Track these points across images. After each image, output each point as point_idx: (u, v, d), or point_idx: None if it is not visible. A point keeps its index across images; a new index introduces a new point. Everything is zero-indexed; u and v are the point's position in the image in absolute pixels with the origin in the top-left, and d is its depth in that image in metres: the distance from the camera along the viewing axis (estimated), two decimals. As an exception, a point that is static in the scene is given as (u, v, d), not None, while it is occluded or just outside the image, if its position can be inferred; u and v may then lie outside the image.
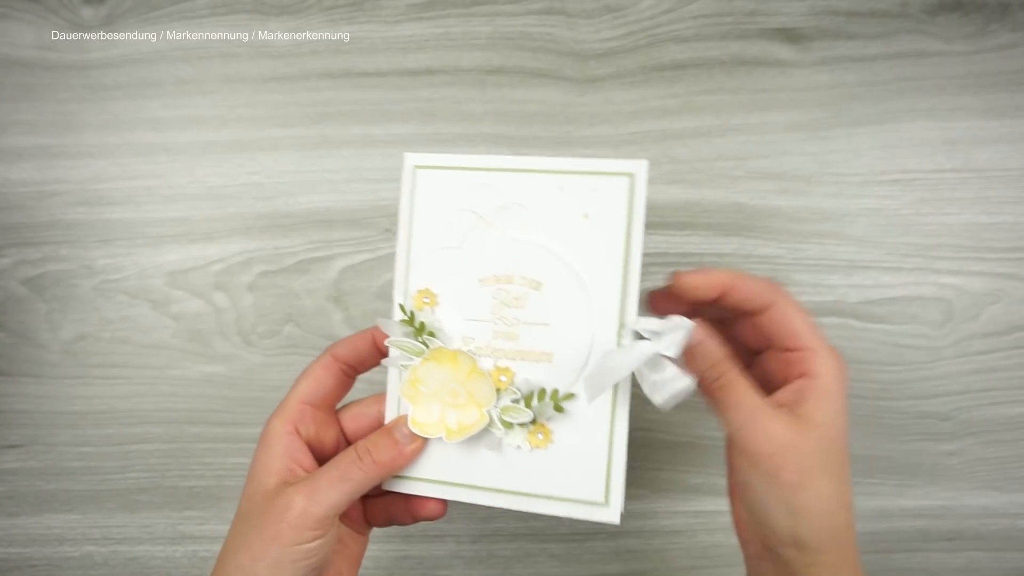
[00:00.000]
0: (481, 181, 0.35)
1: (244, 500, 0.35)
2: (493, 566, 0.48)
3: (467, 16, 0.51)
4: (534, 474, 0.34)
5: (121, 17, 0.50)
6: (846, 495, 0.34)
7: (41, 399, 0.49)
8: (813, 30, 0.51)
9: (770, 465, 0.33)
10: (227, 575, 0.33)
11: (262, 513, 0.33)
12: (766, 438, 0.33)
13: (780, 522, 0.33)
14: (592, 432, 0.33)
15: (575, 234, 0.33)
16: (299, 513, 0.33)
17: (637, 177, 0.33)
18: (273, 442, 0.35)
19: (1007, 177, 0.50)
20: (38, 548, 0.48)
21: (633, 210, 0.33)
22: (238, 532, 0.34)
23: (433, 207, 0.35)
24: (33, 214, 0.50)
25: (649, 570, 0.49)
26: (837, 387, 0.34)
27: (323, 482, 0.34)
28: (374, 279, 0.50)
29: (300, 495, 0.33)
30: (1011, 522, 0.49)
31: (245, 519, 0.34)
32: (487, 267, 0.35)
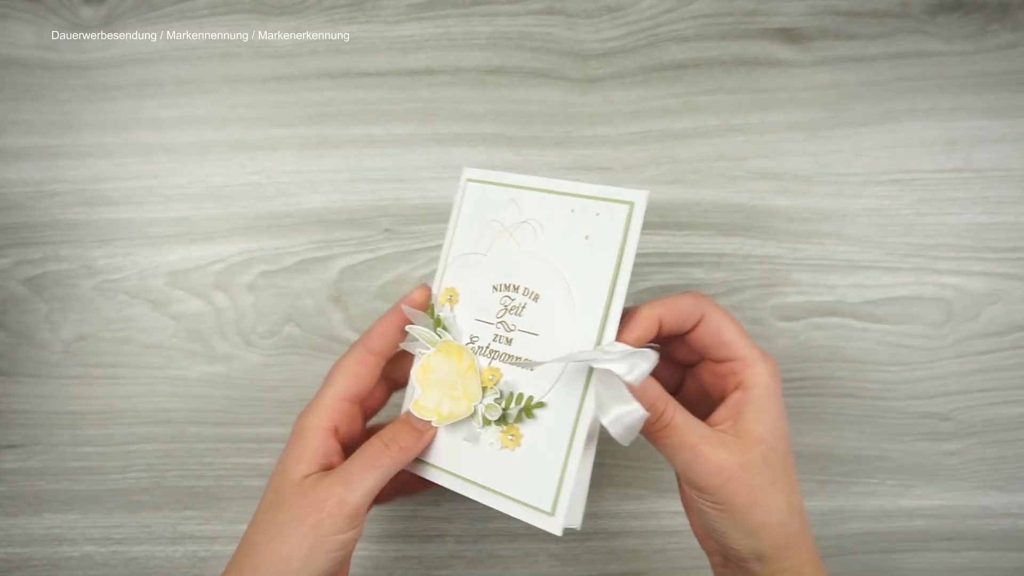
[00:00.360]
0: (510, 197, 0.38)
1: (271, 492, 0.36)
2: (493, 566, 0.48)
3: (467, 16, 0.51)
4: (499, 472, 0.36)
5: (121, 17, 0.50)
6: (796, 500, 0.35)
7: (41, 399, 0.49)
8: (813, 30, 0.51)
9: (722, 495, 0.33)
10: (261, 567, 0.34)
11: (297, 504, 0.34)
12: (714, 471, 0.33)
13: (738, 541, 0.34)
14: (553, 444, 0.34)
15: (576, 253, 0.35)
16: (337, 503, 0.34)
17: (636, 206, 0.34)
18: (308, 436, 0.36)
19: (1008, 177, 0.50)
20: (38, 548, 0.48)
21: (628, 236, 0.34)
22: (269, 523, 0.34)
23: (473, 216, 0.39)
24: (33, 214, 0.50)
25: (649, 570, 0.49)
26: (772, 396, 0.35)
27: (356, 471, 0.35)
28: (374, 279, 0.50)
29: (338, 485, 0.34)
30: (1011, 522, 0.49)
31: (275, 510, 0.35)
32: (501, 275, 0.38)
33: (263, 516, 0.35)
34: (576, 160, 0.51)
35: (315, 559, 0.34)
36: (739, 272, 0.50)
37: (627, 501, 0.49)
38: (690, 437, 0.34)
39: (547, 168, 0.50)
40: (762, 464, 0.34)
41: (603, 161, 0.51)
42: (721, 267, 0.50)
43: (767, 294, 0.50)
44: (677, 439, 0.34)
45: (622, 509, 0.49)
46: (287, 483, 0.35)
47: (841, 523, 0.49)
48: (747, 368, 0.35)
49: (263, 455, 0.49)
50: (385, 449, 0.36)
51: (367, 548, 0.48)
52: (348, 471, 0.35)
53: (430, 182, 0.50)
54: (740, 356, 0.36)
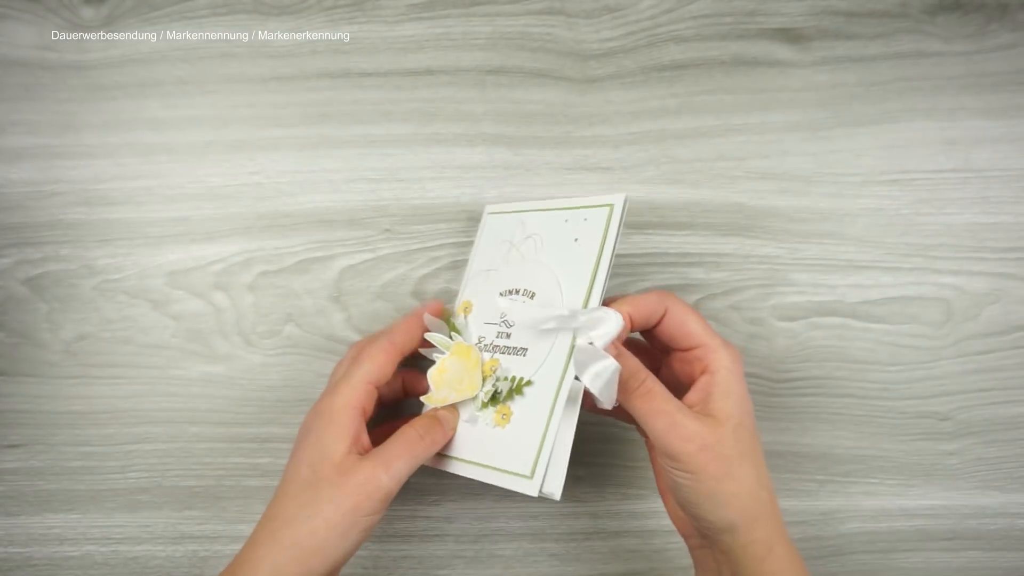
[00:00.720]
0: (519, 220, 0.44)
1: (307, 468, 0.37)
2: (493, 566, 0.48)
3: (467, 16, 0.51)
4: (492, 449, 0.39)
5: (121, 17, 0.50)
6: (764, 474, 0.38)
7: (41, 399, 0.49)
8: (813, 30, 0.51)
9: (694, 463, 0.36)
10: (300, 542, 0.35)
11: (339, 484, 0.36)
12: (687, 438, 0.36)
13: (711, 512, 0.37)
14: (537, 414, 0.38)
15: (566, 254, 0.40)
16: (377, 486, 0.36)
17: (615, 207, 0.39)
18: (339, 416, 0.38)
19: (1007, 177, 0.50)
20: (38, 548, 0.48)
21: (607, 232, 0.39)
22: (308, 500, 0.36)
23: (489, 241, 0.46)
24: (33, 214, 0.50)
25: (649, 570, 0.49)
26: (735, 377, 0.38)
27: (395, 456, 0.37)
28: (374, 279, 0.50)
29: (379, 468, 0.36)
30: (1010, 522, 0.49)
31: (314, 488, 0.36)
32: (506, 283, 0.43)
33: (301, 492, 0.36)
34: (576, 160, 0.51)
35: (349, 538, 0.36)
36: (739, 272, 0.50)
37: (627, 501, 0.49)
38: (668, 405, 0.37)
39: (547, 168, 0.50)
40: (733, 437, 0.37)
41: (603, 161, 0.51)
42: (721, 267, 0.50)
43: (767, 294, 0.50)
44: (656, 405, 0.37)
45: (622, 509, 0.49)
46: (326, 462, 0.36)
47: (841, 523, 0.49)
48: (711, 354, 0.39)
49: (263, 455, 0.49)
50: (420, 440, 0.39)
51: (367, 548, 0.48)
52: (387, 456, 0.37)
53: (430, 182, 0.50)
54: (704, 344, 0.39)
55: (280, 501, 0.37)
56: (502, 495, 0.49)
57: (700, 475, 0.36)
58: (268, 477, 0.49)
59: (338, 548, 0.36)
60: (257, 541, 0.36)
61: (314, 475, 0.36)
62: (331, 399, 0.38)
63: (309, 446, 0.38)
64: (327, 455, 0.37)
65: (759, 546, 0.36)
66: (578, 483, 0.49)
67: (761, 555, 0.36)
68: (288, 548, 0.35)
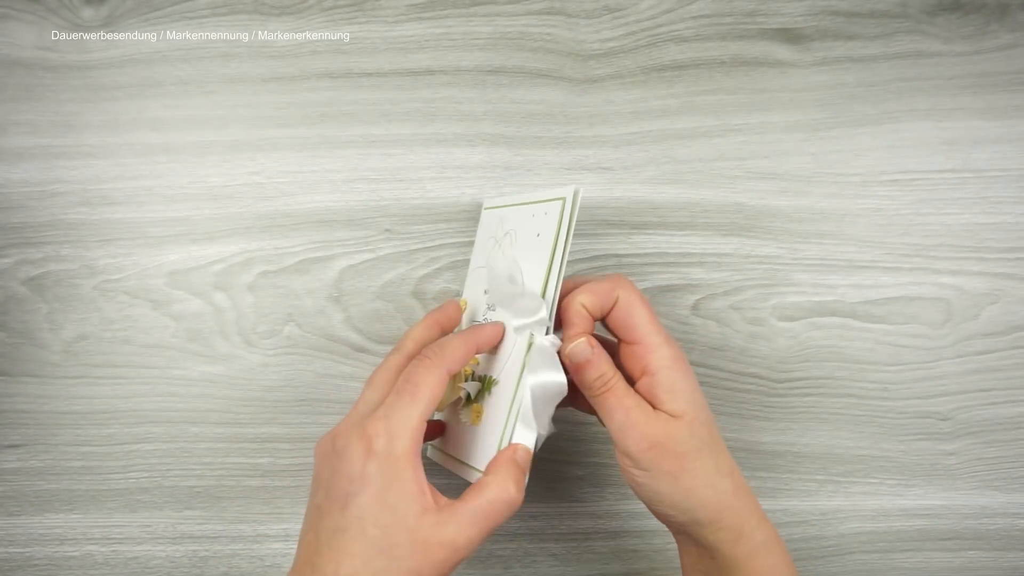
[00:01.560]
0: (501, 216, 0.45)
1: (376, 531, 0.33)
2: (493, 566, 0.48)
3: (467, 16, 0.51)
4: (469, 446, 0.40)
5: (121, 17, 0.50)
6: (724, 463, 0.37)
7: (42, 399, 0.49)
8: (813, 30, 0.51)
9: (648, 459, 0.36)
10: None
11: (416, 555, 0.33)
12: (641, 436, 0.36)
13: (671, 508, 0.37)
14: (499, 414, 0.38)
15: (530, 249, 0.40)
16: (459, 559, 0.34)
17: (566, 200, 0.38)
18: (404, 468, 0.33)
19: (1006, 177, 0.51)
20: (39, 548, 0.48)
21: (561, 225, 0.38)
22: (383, 568, 0.32)
23: (483, 238, 0.46)
24: (34, 214, 0.50)
25: (649, 570, 0.49)
26: (678, 374, 0.37)
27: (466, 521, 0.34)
28: (374, 279, 0.50)
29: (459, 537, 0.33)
30: (1010, 522, 0.49)
31: (388, 556, 0.32)
32: (488, 280, 0.43)
33: (374, 557, 0.32)
34: (576, 160, 0.51)
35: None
36: (739, 272, 0.50)
37: (627, 501, 0.49)
38: (626, 400, 0.36)
39: (547, 168, 0.51)
40: (688, 432, 0.36)
41: (603, 161, 0.51)
42: (721, 267, 0.50)
43: (767, 294, 0.50)
44: (614, 401, 0.36)
45: (622, 509, 0.49)
46: (400, 527, 0.33)
47: (841, 523, 0.49)
48: (649, 354, 0.37)
49: (263, 455, 0.49)
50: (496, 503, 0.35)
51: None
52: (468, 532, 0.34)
53: (430, 182, 0.50)
54: (643, 341, 0.38)
55: (348, 562, 0.32)
56: (502, 495, 0.49)
57: (654, 472, 0.36)
58: (268, 477, 0.49)
59: None
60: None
61: (387, 539, 0.32)
62: (391, 439, 0.33)
63: (373, 503, 0.33)
64: (399, 518, 0.33)
65: (727, 532, 0.36)
66: (578, 483, 0.49)
67: (731, 540, 0.36)
68: None
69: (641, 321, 0.38)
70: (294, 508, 0.48)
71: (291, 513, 0.48)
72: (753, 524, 0.37)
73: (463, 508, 0.34)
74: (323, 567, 0.32)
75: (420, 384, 0.35)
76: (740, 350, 0.50)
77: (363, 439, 0.34)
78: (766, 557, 0.37)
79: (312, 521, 0.34)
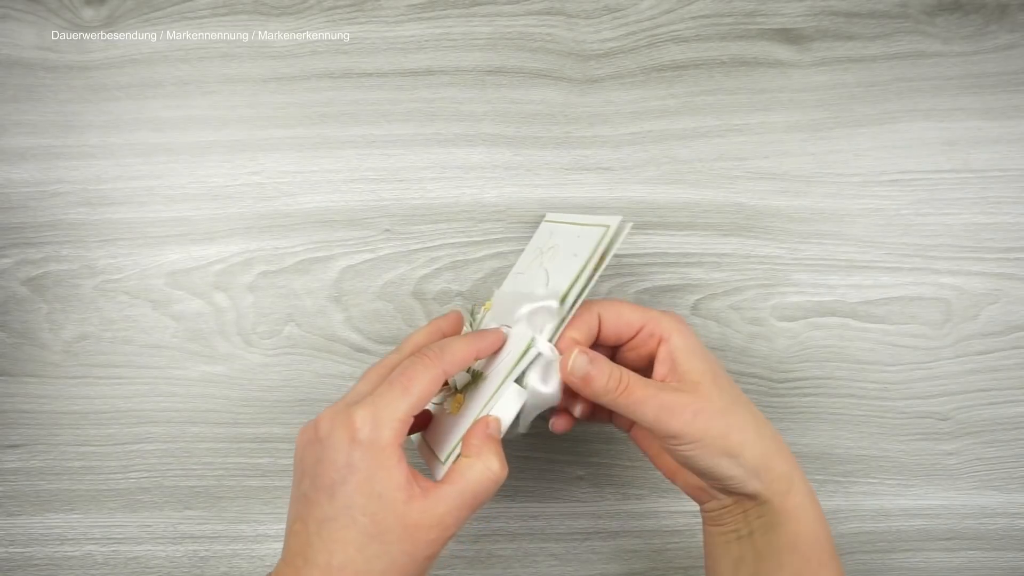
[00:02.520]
0: (552, 230, 0.46)
1: (366, 519, 0.33)
2: (493, 566, 0.48)
3: (467, 16, 0.51)
4: (442, 434, 0.40)
5: (122, 18, 0.51)
6: (756, 411, 0.38)
7: (42, 399, 0.49)
8: (813, 31, 0.51)
9: (695, 429, 0.36)
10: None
11: (408, 539, 0.33)
12: (682, 409, 0.36)
13: (731, 469, 0.36)
14: (475, 406, 0.38)
15: (563, 266, 0.41)
16: (445, 532, 0.34)
17: (609, 229, 0.39)
18: (389, 456, 0.34)
19: (1006, 177, 0.51)
20: (39, 547, 0.48)
21: (596, 252, 0.38)
22: (376, 553, 0.33)
23: (533, 247, 0.47)
24: (35, 214, 0.50)
25: (649, 570, 0.49)
26: (690, 338, 0.38)
27: (456, 502, 0.34)
28: (375, 279, 0.50)
29: (448, 516, 0.34)
30: (1010, 522, 0.49)
31: (381, 541, 0.33)
32: (520, 285, 0.44)
33: (366, 544, 0.33)
34: (576, 160, 0.51)
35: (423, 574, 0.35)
36: (739, 272, 0.50)
37: (627, 501, 0.49)
38: (649, 389, 0.36)
39: (547, 168, 0.51)
40: (717, 390, 0.37)
41: (603, 161, 0.51)
42: (721, 267, 0.50)
43: (767, 294, 0.50)
44: (639, 394, 0.36)
45: (622, 509, 0.49)
46: (388, 513, 0.33)
47: (841, 523, 0.49)
48: (658, 325, 0.39)
49: (263, 455, 0.49)
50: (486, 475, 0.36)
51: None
52: (456, 513, 0.34)
53: (430, 182, 0.50)
54: (645, 321, 0.39)
55: (340, 550, 0.33)
56: (502, 495, 0.49)
57: (705, 439, 0.36)
58: (268, 477, 0.49)
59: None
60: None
61: (376, 527, 0.33)
62: (376, 428, 0.33)
63: (360, 491, 0.33)
64: (387, 505, 0.33)
65: (780, 483, 0.37)
66: (578, 483, 0.49)
67: (784, 490, 0.37)
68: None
69: (633, 312, 0.39)
70: (294, 508, 0.49)
71: (291, 513, 0.49)
72: (799, 475, 0.37)
73: (450, 490, 0.35)
74: (315, 558, 0.33)
75: (414, 379, 0.35)
76: (740, 350, 0.50)
77: (348, 427, 0.34)
78: (813, 510, 0.37)
79: (299, 511, 0.34)
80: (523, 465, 0.49)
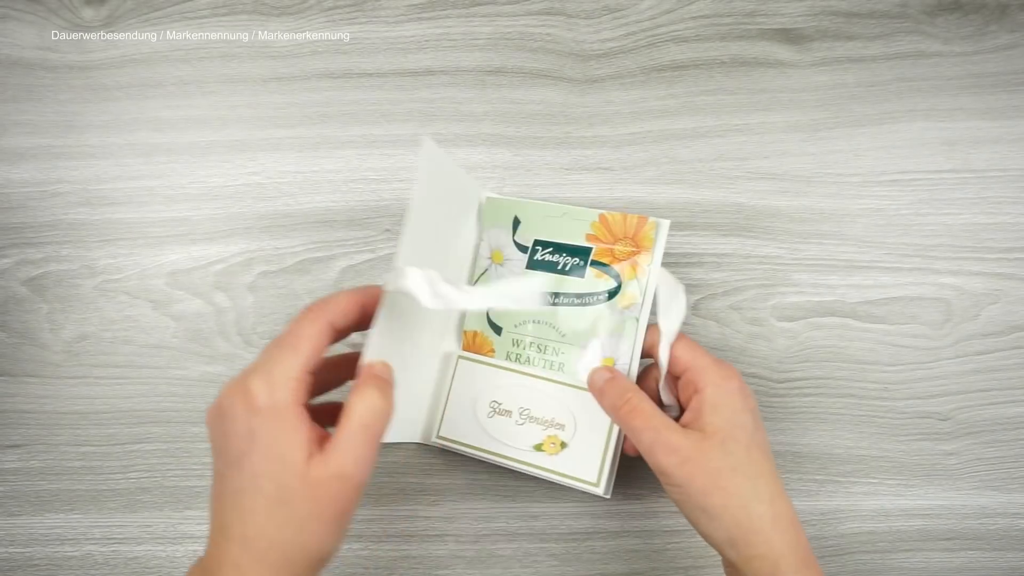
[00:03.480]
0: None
1: (271, 484, 0.33)
2: (493, 566, 0.48)
3: (467, 16, 0.51)
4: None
5: (122, 18, 0.51)
6: (766, 491, 0.37)
7: (43, 399, 0.49)
8: (813, 31, 0.51)
9: (680, 476, 0.36)
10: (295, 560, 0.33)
11: (312, 499, 0.33)
12: (671, 451, 0.36)
13: (706, 526, 0.37)
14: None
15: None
16: (353, 487, 0.34)
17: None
18: (287, 418, 0.33)
19: (1005, 177, 0.51)
20: (39, 548, 0.48)
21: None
22: (286, 518, 0.33)
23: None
24: (35, 214, 0.50)
25: (649, 570, 0.49)
26: (725, 393, 0.38)
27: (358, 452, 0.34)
28: (375, 279, 0.50)
29: (348, 468, 0.33)
30: (1010, 522, 0.49)
31: (287, 505, 0.33)
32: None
33: (274, 511, 0.33)
34: (576, 160, 0.51)
35: (338, 536, 0.34)
36: (739, 272, 0.50)
37: (627, 501, 0.49)
38: (653, 420, 0.38)
39: (547, 168, 0.51)
40: (721, 450, 0.36)
41: (603, 161, 0.51)
42: (721, 267, 0.50)
43: (767, 294, 0.50)
44: (641, 421, 0.38)
45: (622, 509, 0.49)
46: (291, 475, 0.33)
47: (841, 523, 0.49)
48: (700, 375, 0.39)
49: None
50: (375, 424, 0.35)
51: (367, 548, 0.48)
52: (352, 454, 0.34)
53: (430, 182, 0.50)
54: (692, 366, 0.39)
55: (251, 520, 0.33)
56: (502, 495, 0.49)
57: (686, 488, 0.36)
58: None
59: (331, 548, 0.34)
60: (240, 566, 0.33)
61: (281, 491, 0.33)
62: (271, 392, 0.33)
63: (264, 458, 0.33)
64: (289, 467, 0.33)
65: (761, 563, 0.36)
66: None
67: (767, 572, 0.36)
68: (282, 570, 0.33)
69: (685, 352, 0.40)
70: (294, 508, 0.49)
71: (291, 513, 0.48)
72: (792, 562, 0.36)
73: (340, 436, 0.34)
74: (232, 531, 0.33)
75: (300, 335, 0.35)
76: (740, 350, 0.50)
77: (245, 396, 0.33)
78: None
79: (216, 488, 0.34)
80: (523, 465, 0.49)
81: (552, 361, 0.45)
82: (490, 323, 0.47)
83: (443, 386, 0.48)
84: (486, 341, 0.47)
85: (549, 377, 0.45)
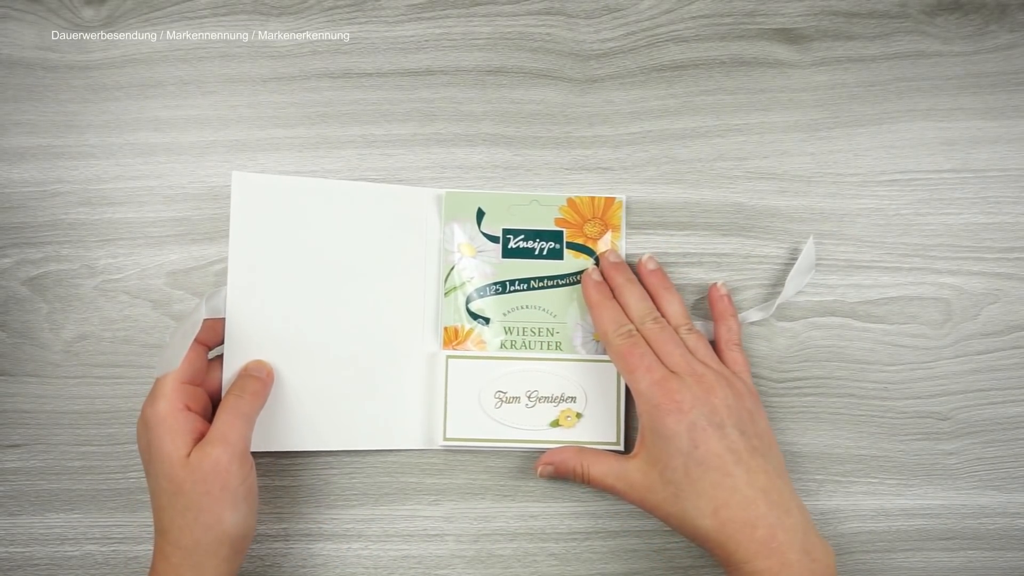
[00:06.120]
0: None
1: (163, 479, 0.39)
2: (493, 566, 0.48)
3: (467, 16, 0.51)
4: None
5: (122, 17, 0.51)
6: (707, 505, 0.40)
7: (43, 399, 0.49)
8: (812, 30, 0.51)
9: (651, 512, 0.42)
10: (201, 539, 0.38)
11: (198, 480, 0.38)
12: (634, 499, 0.43)
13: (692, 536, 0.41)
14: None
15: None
16: (228, 459, 0.39)
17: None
18: (167, 422, 0.40)
19: (1005, 177, 0.51)
20: (39, 547, 0.48)
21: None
22: (184, 505, 0.38)
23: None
24: (35, 214, 0.50)
25: (649, 570, 0.49)
26: (650, 424, 0.41)
27: (227, 427, 0.40)
28: (374, 279, 0.50)
29: (219, 446, 0.39)
30: (1009, 521, 0.49)
31: (180, 492, 0.39)
32: None
33: (172, 502, 0.39)
34: (576, 160, 0.51)
35: (239, 508, 0.39)
36: (739, 272, 0.50)
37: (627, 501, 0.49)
38: (607, 480, 0.43)
39: (547, 168, 0.51)
40: (661, 482, 0.41)
41: (603, 161, 0.51)
42: (721, 267, 0.50)
43: (767, 294, 0.50)
44: (598, 484, 0.44)
45: (622, 509, 0.49)
46: (175, 466, 0.39)
47: (841, 523, 0.49)
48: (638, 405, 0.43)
49: (262, 455, 0.49)
50: (240, 398, 0.42)
51: (367, 548, 0.48)
52: (221, 431, 0.40)
53: (430, 182, 0.50)
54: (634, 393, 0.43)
55: (165, 515, 0.39)
56: (502, 495, 0.49)
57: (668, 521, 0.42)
58: (268, 477, 0.49)
59: (233, 522, 0.39)
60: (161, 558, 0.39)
61: (171, 484, 0.39)
62: (153, 407, 0.40)
63: (158, 460, 0.39)
64: (175, 461, 0.39)
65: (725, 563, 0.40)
66: (578, 483, 0.49)
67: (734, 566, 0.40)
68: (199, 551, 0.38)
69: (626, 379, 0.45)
70: (294, 508, 0.48)
71: (291, 513, 0.48)
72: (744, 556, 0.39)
73: (217, 416, 0.41)
74: (157, 527, 0.40)
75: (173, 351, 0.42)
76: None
77: (141, 418, 0.41)
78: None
79: (150, 499, 0.41)
80: (523, 465, 0.49)
81: (550, 341, 0.48)
82: (472, 315, 0.48)
83: (436, 389, 0.47)
84: (473, 334, 0.48)
85: (550, 357, 0.48)
